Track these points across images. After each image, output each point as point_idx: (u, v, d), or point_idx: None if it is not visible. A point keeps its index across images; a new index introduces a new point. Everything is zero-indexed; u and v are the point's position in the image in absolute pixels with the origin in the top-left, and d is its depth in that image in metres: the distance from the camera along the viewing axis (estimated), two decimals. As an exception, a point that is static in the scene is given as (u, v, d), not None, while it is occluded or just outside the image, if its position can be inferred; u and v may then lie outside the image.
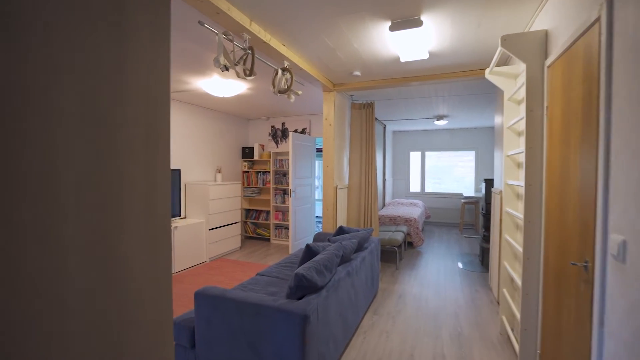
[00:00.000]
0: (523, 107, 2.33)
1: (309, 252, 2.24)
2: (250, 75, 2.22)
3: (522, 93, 2.34)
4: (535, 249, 1.86)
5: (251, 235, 6.23)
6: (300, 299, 1.87)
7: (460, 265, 4.65)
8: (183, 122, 4.88)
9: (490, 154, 7.52)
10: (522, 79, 2.27)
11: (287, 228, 5.87)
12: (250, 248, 5.59)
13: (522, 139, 2.35)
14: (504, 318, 2.50)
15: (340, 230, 3.00)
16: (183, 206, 4.90)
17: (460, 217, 7.31)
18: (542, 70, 1.83)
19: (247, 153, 6.16)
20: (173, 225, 4.24)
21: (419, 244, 5.53)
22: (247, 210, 6.28)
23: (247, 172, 6.21)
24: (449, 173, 8.03)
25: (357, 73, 3.33)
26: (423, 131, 8.14)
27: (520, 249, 2.07)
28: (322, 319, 1.88)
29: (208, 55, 2.89)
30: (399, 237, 4.51)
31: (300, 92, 2.79)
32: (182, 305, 3.20)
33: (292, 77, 2.65)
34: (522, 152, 2.09)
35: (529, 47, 1.85)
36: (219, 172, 5.46)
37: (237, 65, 2.15)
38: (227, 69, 2.02)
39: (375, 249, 3.26)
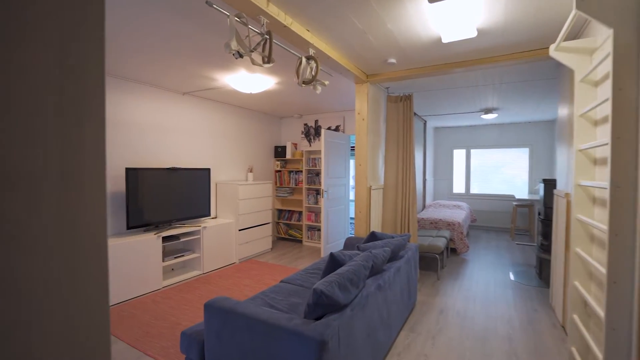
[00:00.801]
0: (603, 88, 1.86)
1: (334, 263, 1.96)
2: (268, 62, 1.99)
3: (602, 70, 1.86)
4: (626, 270, 1.42)
5: (283, 236, 6.08)
6: (320, 318, 1.60)
7: (512, 276, 4.09)
8: (213, 120, 4.83)
9: (547, 151, 6.69)
10: (604, 51, 1.81)
11: (319, 230, 5.64)
12: (281, 250, 5.42)
13: (602, 129, 1.88)
14: (575, 350, 2.03)
15: (372, 237, 2.68)
16: (213, 206, 4.85)
17: (511, 222, 6.59)
18: (637, 36, 1.39)
19: (279, 152, 6.02)
20: (202, 225, 4.19)
21: (463, 251, 5.00)
22: (280, 211, 6.14)
23: (279, 171, 6.07)
24: (497, 173, 7.29)
25: (393, 60, 2.98)
26: (468, 127, 7.48)
27: (601, 269, 1.62)
28: (345, 343, 1.60)
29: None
30: (441, 243, 4.07)
31: (326, 83, 2.52)
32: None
33: (317, 66, 2.39)
34: (603, 145, 1.64)
35: (618, 6, 1.41)
36: (250, 172, 5.36)
37: (253, 52, 1.93)
38: (240, 56, 1.81)
39: (413, 257, 2.90)
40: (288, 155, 5.89)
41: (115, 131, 3.60)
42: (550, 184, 3.58)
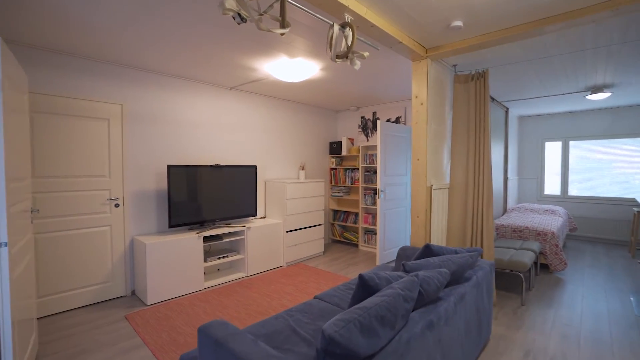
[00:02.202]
0: None
1: (364, 289, 1.46)
2: (283, 27, 1.57)
3: None
4: None
5: (338, 239, 5.65)
6: (332, 370, 1.12)
7: (637, 310, 3.01)
8: (262, 115, 4.63)
9: (687, 141, 5.03)
10: None
11: (376, 234, 5.07)
12: (334, 254, 5.00)
13: None
14: None
15: (427, 251, 2.06)
16: (262, 205, 4.65)
17: (631, 234, 5.12)
18: None
19: (334, 148, 5.60)
20: (247, 225, 3.99)
21: (559, 268, 3.95)
22: (335, 212, 5.73)
23: (334, 169, 5.66)
24: (606, 170, 5.76)
25: (458, 24, 2.31)
26: (565, 114, 6.08)
27: None
28: (370, 413, 1.09)
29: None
30: (527, 258, 3.19)
31: (366, 54, 2.00)
32: (236, 318, 2.80)
33: (353, 35, 1.89)
34: None
35: None
36: (302, 169, 5.05)
37: (262, 15, 1.53)
38: (242, 19, 1.42)
39: (485, 279, 2.20)
40: (344, 152, 5.43)
41: (159, 128, 3.58)
42: None
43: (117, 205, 3.30)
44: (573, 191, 6.10)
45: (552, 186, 6.36)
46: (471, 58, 3.01)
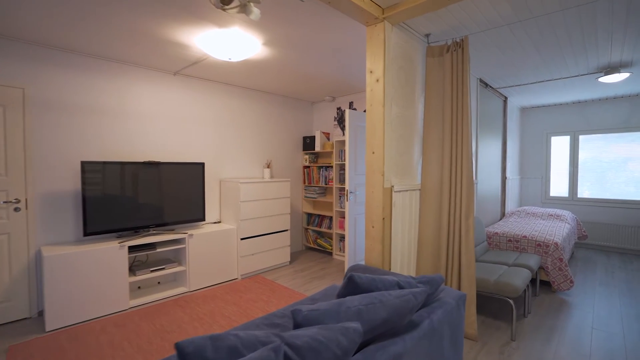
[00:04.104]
0: None
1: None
2: None
3: None
4: None
5: (312, 246, 5.01)
6: None
7: (662, 349, 2.31)
8: (218, 106, 4.01)
9: None
10: None
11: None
12: (303, 264, 4.37)
13: None
14: None
15: (350, 286, 1.38)
16: (216, 208, 4.04)
17: (650, 243, 4.37)
18: None
19: (308, 143, 4.97)
20: (188, 232, 3.39)
21: (563, 288, 3.25)
22: (309, 215, 5.09)
23: (307, 167, 5.03)
24: (621, 169, 5.00)
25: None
26: (574, 104, 5.33)
27: None
28: None
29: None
30: (519, 279, 2.50)
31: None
32: (147, 352, 2.19)
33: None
34: None
35: None
36: (268, 167, 4.43)
37: None
38: None
39: (448, 321, 1.55)
40: (317, 148, 4.80)
41: (79, 119, 3.00)
42: None
43: (17, 210, 2.73)
44: (584, 193, 5.35)
45: (559, 187, 5.61)
46: (446, 23, 2.34)
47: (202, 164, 3.63)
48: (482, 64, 3.29)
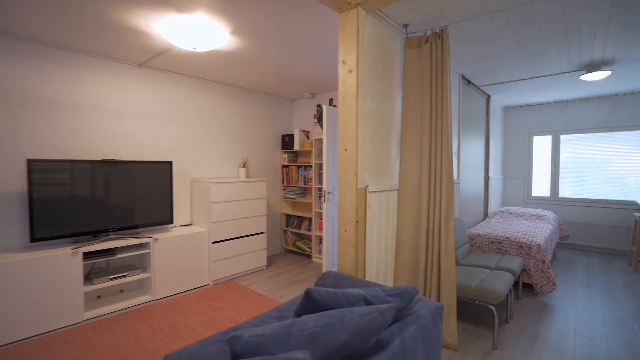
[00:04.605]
0: None
1: None
2: None
3: None
4: None
5: (291, 248, 4.82)
6: None
7: (646, 355, 2.23)
8: (190, 102, 3.77)
9: (697, 135, 4.27)
10: None
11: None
12: (280, 268, 4.17)
13: None
14: None
15: (308, 303, 1.19)
16: (186, 210, 3.80)
17: (632, 243, 4.36)
18: None
19: (286, 142, 4.77)
20: (154, 236, 3.14)
21: (545, 290, 3.16)
22: (288, 216, 4.90)
23: (286, 166, 4.83)
24: (600, 169, 5.00)
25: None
26: (556, 103, 5.31)
27: None
28: None
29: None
30: (501, 284, 2.38)
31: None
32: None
33: None
34: None
35: None
36: (244, 167, 4.21)
37: None
38: None
39: (422, 337, 1.38)
40: (296, 146, 4.60)
41: (29, 113, 2.72)
42: None
43: (-49, 213, 2.43)
44: (564, 193, 5.33)
45: (541, 187, 5.59)
46: (425, 12, 2.19)
47: (170, 163, 3.38)
48: (464, 58, 3.17)
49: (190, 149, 3.80)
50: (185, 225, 3.76)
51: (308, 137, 4.72)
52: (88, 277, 2.91)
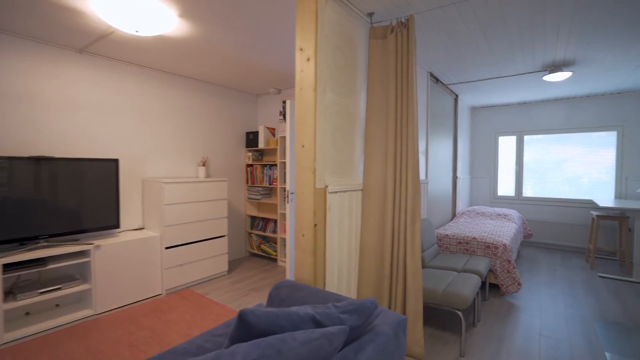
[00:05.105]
0: None
1: None
2: None
3: None
4: None
5: (256, 252, 4.57)
6: None
7: (607, 354, 2.21)
8: (142, 94, 3.43)
9: (647, 136, 4.48)
10: None
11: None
12: (243, 273, 3.92)
13: None
14: None
15: (242, 329, 1.00)
16: (139, 213, 3.46)
17: (589, 240, 4.50)
18: None
19: (251, 140, 4.52)
20: (95, 242, 2.80)
21: (511, 290, 3.14)
22: (253, 218, 4.64)
23: (251, 165, 4.57)
24: (559, 169, 5.15)
25: None
26: (520, 105, 5.42)
27: None
28: None
29: None
30: (468, 288, 2.29)
31: None
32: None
33: None
34: None
35: None
36: (203, 165, 3.92)
37: None
38: None
39: (383, 354, 1.22)
40: (261, 144, 4.36)
41: None
42: None
43: None
44: (527, 192, 5.46)
45: (506, 186, 5.69)
46: (390, 0, 2.04)
47: (116, 161, 3.05)
48: (432, 55, 3.08)
49: (141, 145, 3.47)
50: (136, 229, 3.43)
51: (274, 135, 4.50)
52: (11, 292, 2.53)
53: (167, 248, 3.24)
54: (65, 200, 2.74)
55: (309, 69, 1.79)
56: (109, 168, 3.00)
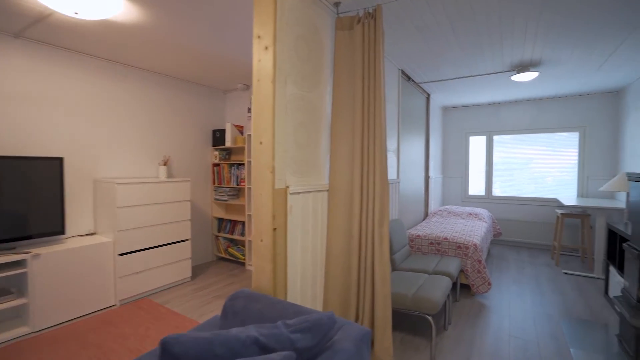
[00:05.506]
0: None
1: None
2: None
3: None
4: None
5: (223, 256, 4.34)
6: None
7: (572, 352, 2.21)
8: (88, 85, 3.13)
9: (609, 137, 4.65)
10: None
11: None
12: (208, 279, 3.69)
13: None
14: None
15: (164, 358, 0.84)
16: (90, 217, 3.16)
17: (554, 238, 4.62)
18: None
19: (217, 138, 4.29)
20: (34, 251, 2.50)
21: (481, 290, 3.12)
22: (220, 220, 4.41)
23: (217, 165, 4.34)
24: (526, 168, 5.28)
25: None
26: (490, 105, 5.51)
27: None
28: None
29: None
30: (439, 291, 2.21)
31: None
32: None
33: None
34: None
35: None
36: (165, 165, 3.65)
37: None
38: None
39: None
40: (228, 143, 4.14)
41: None
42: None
43: None
44: (496, 191, 5.56)
45: (476, 186, 5.77)
46: (356, -12, 1.93)
47: (60, 160, 2.75)
48: (403, 51, 3.00)
49: (94, 143, 3.17)
50: (87, 234, 3.12)
51: (242, 133, 4.29)
52: None
53: (121, 255, 2.97)
54: (-3, 203, 2.43)
55: (267, 59, 1.64)
56: (52, 168, 2.70)
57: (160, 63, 3.34)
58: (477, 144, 5.73)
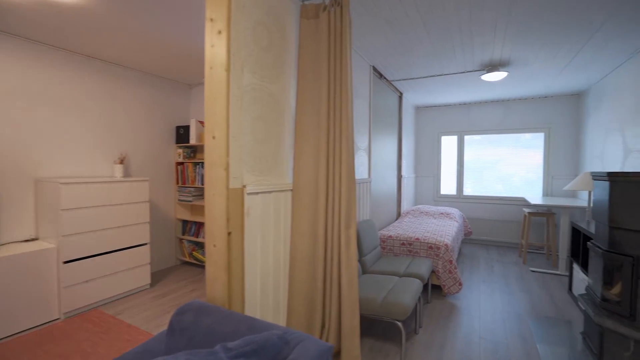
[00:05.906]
0: None
1: None
2: None
3: None
4: None
5: (187, 259, 4.09)
6: None
7: (540, 350, 2.19)
8: (28, 74, 2.81)
9: (571, 137, 4.81)
10: None
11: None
12: (168, 285, 3.44)
13: None
14: None
15: None
16: (32, 220, 2.84)
17: (521, 236, 4.71)
18: None
19: (182, 135, 4.03)
20: (-44, 260, 2.18)
21: (452, 291, 3.09)
22: (184, 222, 4.16)
23: (181, 163, 4.08)
24: (494, 168, 5.39)
25: None
26: (461, 105, 5.57)
27: None
28: None
29: None
30: (409, 295, 2.12)
31: None
32: None
33: None
34: None
35: None
36: (121, 163, 3.36)
37: None
38: None
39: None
40: (193, 140, 3.90)
41: None
42: (628, 181, 1.67)
43: None
44: (467, 190, 5.63)
45: (448, 185, 5.82)
46: (321, -27, 1.80)
47: (-9, 156, 2.43)
48: (374, 47, 2.91)
49: (34, 139, 2.85)
50: (27, 240, 2.80)
51: (208, 130, 4.04)
52: None
53: (66, 262, 2.68)
54: None
55: (220, 44, 1.47)
56: (-20, 165, 2.38)
57: (113, 51, 3.06)
58: (449, 144, 5.78)
